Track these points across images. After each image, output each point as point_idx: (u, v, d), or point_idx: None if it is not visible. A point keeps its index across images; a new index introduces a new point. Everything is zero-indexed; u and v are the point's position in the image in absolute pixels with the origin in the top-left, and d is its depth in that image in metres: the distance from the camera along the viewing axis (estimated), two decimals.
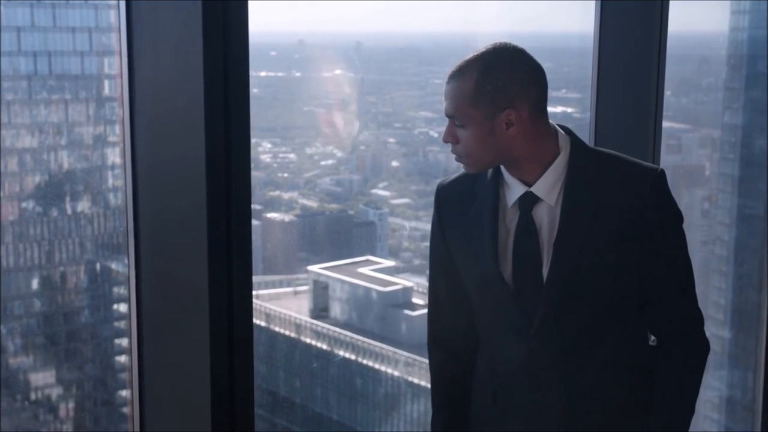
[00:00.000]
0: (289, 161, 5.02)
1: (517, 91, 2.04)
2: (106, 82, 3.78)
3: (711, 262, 4.79)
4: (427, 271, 5.14)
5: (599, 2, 2.94)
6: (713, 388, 4.71)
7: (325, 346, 4.91)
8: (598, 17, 2.95)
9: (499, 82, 2.03)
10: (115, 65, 3.34)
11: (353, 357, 4.87)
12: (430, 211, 2.33)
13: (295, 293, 4.97)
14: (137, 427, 2.29)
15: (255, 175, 5.06)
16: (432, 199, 2.30)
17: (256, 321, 5.01)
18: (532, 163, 2.13)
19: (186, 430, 2.25)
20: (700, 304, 2.31)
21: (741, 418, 4.66)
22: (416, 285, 4.97)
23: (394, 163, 5.01)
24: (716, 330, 4.65)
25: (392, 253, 5.07)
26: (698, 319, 2.29)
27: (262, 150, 4.86)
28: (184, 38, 2.14)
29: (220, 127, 2.12)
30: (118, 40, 2.11)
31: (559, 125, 2.19)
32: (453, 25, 4.40)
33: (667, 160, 3.65)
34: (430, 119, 4.87)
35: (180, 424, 2.26)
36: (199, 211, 2.11)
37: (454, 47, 4.66)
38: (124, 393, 3.50)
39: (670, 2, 3.21)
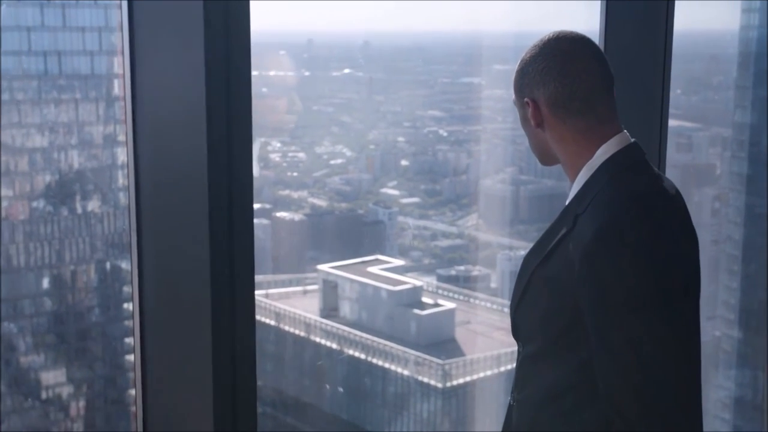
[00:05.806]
0: (298, 160, 5.04)
1: (536, 81, 1.86)
2: (116, 82, 3.80)
3: (721, 262, 4.77)
4: (438, 270, 5.12)
5: (605, 2, 2.93)
6: (723, 388, 4.69)
7: (334, 345, 4.91)
8: (603, 16, 2.94)
9: (526, 67, 1.88)
10: (117, 64, 3.36)
11: (362, 356, 4.88)
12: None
13: (305, 292, 4.98)
14: (140, 427, 2.30)
15: (264, 174, 5.11)
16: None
17: (266, 320, 5.04)
18: (568, 168, 1.89)
19: (188, 429, 2.25)
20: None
21: (751, 418, 4.64)
22: (426, 284, 4.96)
23: (404, 162, 5.00)
24: (726, 329, 4.63)
25: (402, 253, 5.07)
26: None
27: (272, 149, 4.88)
28: (186, 37, 2.15)
29: (222, 125, 2.12)
30: (120, 40, 2.12)
31: (631, 141, 1.86)
32: (459, 24, 4.39)
33: (677, 159, 3.65)
34: (439, 118, 4.85)
35: (183, 423, 2.27)
36: (201, 210, 2.12)
37: (460, 46, 4.66)
38: (133, 392, 3.52)
39: (680, 1, 3.20)
